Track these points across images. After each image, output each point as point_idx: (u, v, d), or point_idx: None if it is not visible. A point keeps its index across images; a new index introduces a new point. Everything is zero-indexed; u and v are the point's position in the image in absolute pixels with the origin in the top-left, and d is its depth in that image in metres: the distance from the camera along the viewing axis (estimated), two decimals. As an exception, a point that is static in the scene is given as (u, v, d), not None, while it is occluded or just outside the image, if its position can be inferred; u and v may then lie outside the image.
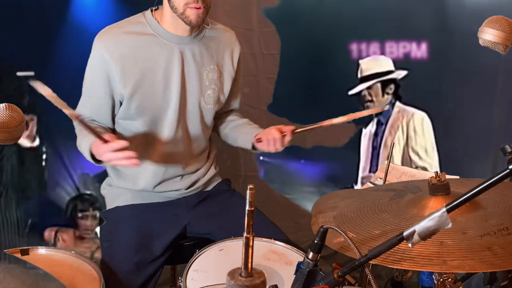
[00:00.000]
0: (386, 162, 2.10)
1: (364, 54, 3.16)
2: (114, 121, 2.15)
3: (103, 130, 2.08)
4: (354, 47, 3.16)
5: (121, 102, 2.09)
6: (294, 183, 3.38)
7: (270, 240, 1.94)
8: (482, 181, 1.10)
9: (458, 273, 1.43)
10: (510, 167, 1.08)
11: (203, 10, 1.99)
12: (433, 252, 1.21)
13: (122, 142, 1.88)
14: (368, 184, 2.20)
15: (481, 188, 1.10)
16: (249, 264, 1.06)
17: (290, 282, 1.30)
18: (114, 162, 1.92)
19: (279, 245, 1.92)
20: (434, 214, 1.09)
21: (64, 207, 3.15)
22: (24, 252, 1.83)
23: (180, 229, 2.13)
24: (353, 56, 3.18)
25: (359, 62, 3.17)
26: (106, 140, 1.88)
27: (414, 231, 1.10)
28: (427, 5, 3.03)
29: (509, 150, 1.16)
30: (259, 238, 1.90)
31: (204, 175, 2.26)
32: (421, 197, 1.45)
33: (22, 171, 3.10)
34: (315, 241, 1.27)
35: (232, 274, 1.07)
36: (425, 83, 3.07)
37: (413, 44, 3.10)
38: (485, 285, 1.47)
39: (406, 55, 3.12)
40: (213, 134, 2.36)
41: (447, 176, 1.44)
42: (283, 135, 2.08)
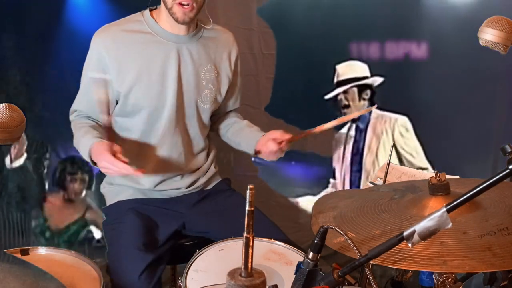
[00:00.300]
0: (386, 162, 2.10)
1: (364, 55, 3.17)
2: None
3: (100, 129, 2.09)
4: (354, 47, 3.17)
5: (117, 101, 2.11)
6: (291, 184, 3.39)
7: (270, 240, 1.94)
8: (482, 181, 1.10)
9: (458, 273, 1.43)
10: (510, 167, 1.08)
11: (191, 9, 2.00)
12: (433, 252, 1.21)
13: (125, 166, 1.88)
14: (368, 184, 2.20)
15: (481, 188, 1.10)
16: (249, 264, 1.06)
17: (290, 282, 1.30)
18: (106, 172, 1.96)
19: (279, 245, 1.92)
20: (434, 214, 1.09)
21: (53, 170, 3.16)
22: (24, 252, 1.83)
23: (179, 225, 2.14)
24: (353, 56, 3.19)
25: (336, 67, 3.19)
26: (114, 152, 1.90)
27: (414, 231, 1.10)
28: (428, 7, 3.03)
29: (509, 150, 1.17)
30: (259, 238, 1.91)
31: (204, 174, 2.27)
32: (421, 197, 1.45)
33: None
34: (315, 241, 1.27)
35: (232, 274, 1.07)
36: (425, 83, 3.06)
37: (413, 45, 3.10)
38: (485, 285, 1.47)
39: (406, 55, 3.12)
40: (212, 134, 2.37)
41: (447, 176, 1.44)
42: (280, 145, 2.09)
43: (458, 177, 1.94)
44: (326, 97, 3.22)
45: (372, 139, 3.25)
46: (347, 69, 3.19)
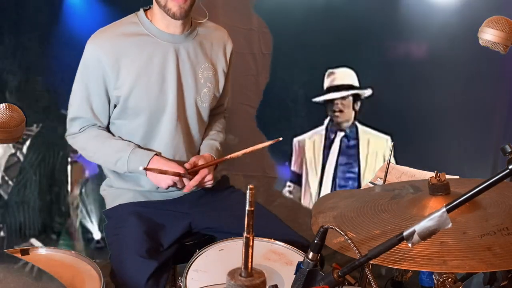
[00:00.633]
0: (386, 162, 2.10)
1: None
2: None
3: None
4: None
5: (115, 104, 2.10)
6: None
7: (270, 240, 1.94)
8: (482, 181, 1.10)
9: (458, 273, 1.43)
10: (510, 167, 1.08)
11: (185, 1, 1.99)
12: (433, 252, 1.21)
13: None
14: (368, 184, 2.20)
15: (481, 188, 1.10)
16: (249, 264, 1.06)
17: (290, 282, 1.31)
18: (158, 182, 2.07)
19: (279, 245, 1.92)
20: (434, 214, 1.09)
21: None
22: (24, 252, 1.83)
23: (186, 225, 2.14)
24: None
25: (330, 71, 3.17)
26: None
27: (414, 231, 1.10)
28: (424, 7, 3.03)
29: (509, 150, 1.16)
30: (259, 238, 1.91)
31: None
32: (421, 197, 1.45)
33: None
34: (315, 241, 1.27)
35: (232, 274, 1.07)
36: (426, 83, 3.06)
37: (413, 45, 3.10)
38: (485, 285, 1.47)
39: (406, 55, 3.12)
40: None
41: (447, 176, 1.44)
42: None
43: (458, 177, 1.95)
44: (316, 100, 3.20)
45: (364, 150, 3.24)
46: (344, 75, 3.17)
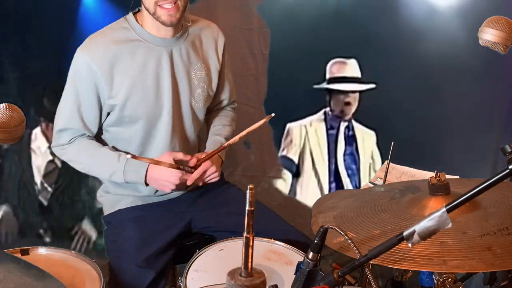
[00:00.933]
0: (386, 162, 2.10)
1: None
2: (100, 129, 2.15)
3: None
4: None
5: (108, 112, 2.07)
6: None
7: (270, 240, 1.94)
8: (482, 181, 1.10)
9: (458, 273, 1.43)
10: (510, 167, 1.08)
11: (176, 9, 1.95)
12: (433, 252, 1.21)
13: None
14: (368, 184, 2.20)
15: (481, 188, 1.10)
16: (249, 264, 1.06)
17: (290, 282, 1.31)
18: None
19: (279, 245, 1.92)
20: (434, 214, 1.09)
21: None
22: (24, 252, 1.83)
23: (185, 225, 2.14)
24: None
25: (339, 60, 3.14)
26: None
27: (414, 231, 1.10)
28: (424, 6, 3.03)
29: (509, 150, 1.16)
30: (259, 238, 1.91)
31: None
32: (421, 197, 1.45)
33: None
34: (315, 241, 1.27)
35: (232, 274, 1.07)
36: (426, 82, 3.06)
37: (413, 46, 3.09)
38: (485, 285, 1.47)
39: (408, 56, 3.11)
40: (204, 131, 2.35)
41: (447, 176, 1.44)
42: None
43: (458, 177, 1.95)
44: (316, 87, 3.17)
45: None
46: (353, 67, 3.15)
